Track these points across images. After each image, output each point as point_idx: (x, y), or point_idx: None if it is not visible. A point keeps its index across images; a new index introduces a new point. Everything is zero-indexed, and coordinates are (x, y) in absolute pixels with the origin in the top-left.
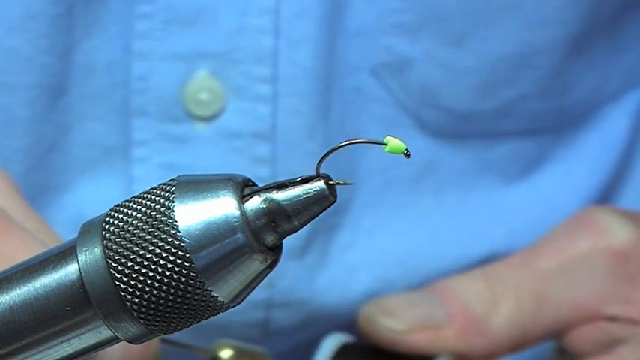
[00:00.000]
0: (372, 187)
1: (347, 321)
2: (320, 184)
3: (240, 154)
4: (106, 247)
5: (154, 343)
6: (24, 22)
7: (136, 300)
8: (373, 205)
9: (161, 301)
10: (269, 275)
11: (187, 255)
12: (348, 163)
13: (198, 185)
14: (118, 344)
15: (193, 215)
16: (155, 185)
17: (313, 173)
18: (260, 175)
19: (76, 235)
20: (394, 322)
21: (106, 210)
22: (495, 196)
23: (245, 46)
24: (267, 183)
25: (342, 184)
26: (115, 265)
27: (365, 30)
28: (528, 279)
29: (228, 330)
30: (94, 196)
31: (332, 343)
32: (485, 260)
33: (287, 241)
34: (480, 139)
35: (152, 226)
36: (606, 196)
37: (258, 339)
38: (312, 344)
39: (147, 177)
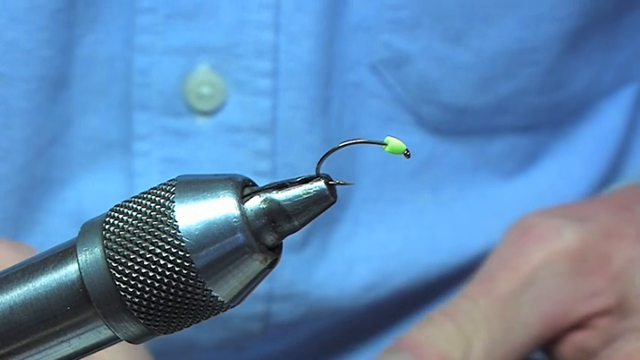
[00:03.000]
0: (370, 182)
1: (347, 315)
2: (320, 184)
3: (241, 148)
4: (106, 247)
5: None
6: (25, 14)
7: (136, 300)
8: (372, 199)
9: (161, 301)
10: None
11: (187, 255)
12: (347, 157)
13: (198, 185)
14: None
15: (193, 215)
16: (155, 181)
17: (313, 168)
18: (260, 168)
19: (76, 229)
20: None
21: (106, 204)
22: (492, 191)
23: (246, 41)
24: (268, 177)
25: (342, 184)
26: (115, 265)
27: (364, 26)
28: (493, 307)
29: (229, 323)
30: (95, 189)
31: None
32: (482, 254)
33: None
34: (477, 135)
35: (152, 226)
36: (602, 190)
37: (259, 333)
38: (313, 342)
39: (147, 171)
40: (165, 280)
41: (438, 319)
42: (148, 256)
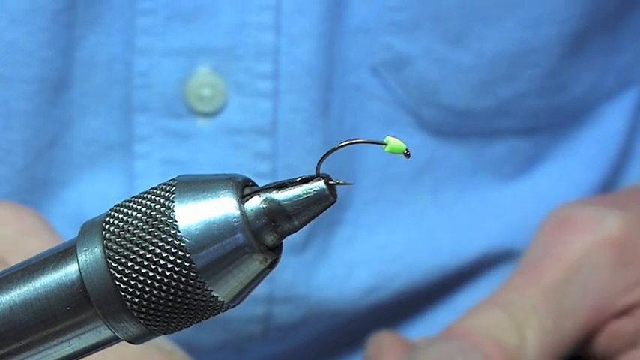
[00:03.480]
0: (371, 184)
1: (348, 317)
2: (320, 184)
3: (241, 150)
4: (106, 247)
5: None
6: (26, 15)
7: (136, 300)
8: (372, 202)
9: (161, 301)
10: None
11: (187, 255)
12: (348, 160)
13: (198, 185)
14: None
15: (193, 215)
16: (155, 183)
17: (313, 170)
18: (261, 170)
19: (75, 231)
20: None
21: (106, 206)
22: (492, 194)
23: (246, 43)
24: (268, 179)
25: (342, 184)
26: (115, 265)
27: (364, 28)
28: (541, 297)
29: (230, 325)
30: (95, 192)
31: None
32: (483, 256)
33: (287, 237)
34: (478, 137)
35: (152, 226)
36: (603, 192)
37: (260, 335)
38: (313, 344)
39: (148, 173)
40: (165, 280)
41: (488, 308)
42: (147, 256)
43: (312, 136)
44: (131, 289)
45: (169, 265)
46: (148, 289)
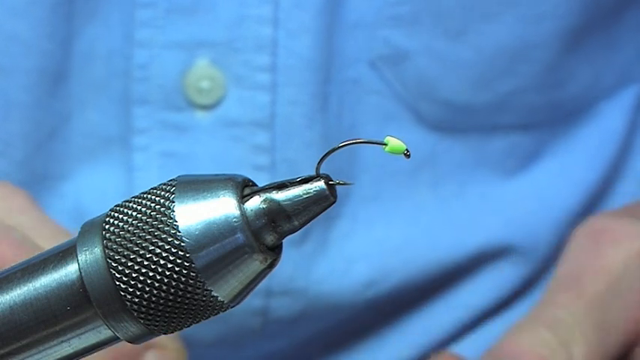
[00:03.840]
0: (370, 179)
1: (346, 312)
2: (320, 184)
3: (240, 143)
4: (106, 247)
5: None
6: (26, 6)
7: (136, 300)
8: (371, 197)
9: (161, 301)
10: None
11: (187, 255)
12: (347, 155)
13: (198, 185)
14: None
15: (193, 215)
16: (154, 176)
17: (312, 164)
18: (259, 163)
19: (74, 224)
20: None
21: (105, 199)
22: (492, 189)
23: (245, 36)
24: (267, 171)
25: (342, 184)
26: (115, 265)
27: (363, 22)
28: (585, 312)
29: (229, 319)
30: (94, 185)
31: None
32: (481, 251)
33: None
34: (477, 133)
35: (152, 226)
36: (602, 190)
37: (258, 329)
38: (312, 340)
39: (147, 165)
40: (165, 280)
41: (533, 327)
42: (148, 256)
43: (311, 129)
44: (131, 289)
45: (169, 265)
46: (148, 289)
